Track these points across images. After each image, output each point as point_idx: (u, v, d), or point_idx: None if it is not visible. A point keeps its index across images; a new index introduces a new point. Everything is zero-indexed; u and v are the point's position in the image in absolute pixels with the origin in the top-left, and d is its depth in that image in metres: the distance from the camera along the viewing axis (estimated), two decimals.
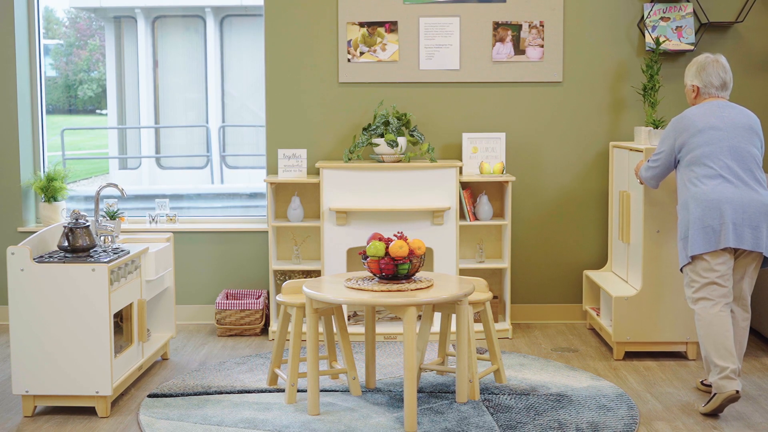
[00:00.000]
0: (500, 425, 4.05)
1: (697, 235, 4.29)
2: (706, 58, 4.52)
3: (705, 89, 4.50)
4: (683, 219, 4.38)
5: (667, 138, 4.51)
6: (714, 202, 4.27)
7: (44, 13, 6.52)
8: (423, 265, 4.49)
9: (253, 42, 7.72)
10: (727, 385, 4.17)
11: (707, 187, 4.30)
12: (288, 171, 5.66)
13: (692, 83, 4.52)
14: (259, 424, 4.09)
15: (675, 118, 4.51)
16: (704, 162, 4.33)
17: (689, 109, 4.50)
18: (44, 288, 4.14)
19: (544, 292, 6.01)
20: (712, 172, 4.31)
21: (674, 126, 4.48)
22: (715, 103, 4.46)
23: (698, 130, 4.38)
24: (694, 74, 4.52)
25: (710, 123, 4.39)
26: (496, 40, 5.83)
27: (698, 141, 4.37)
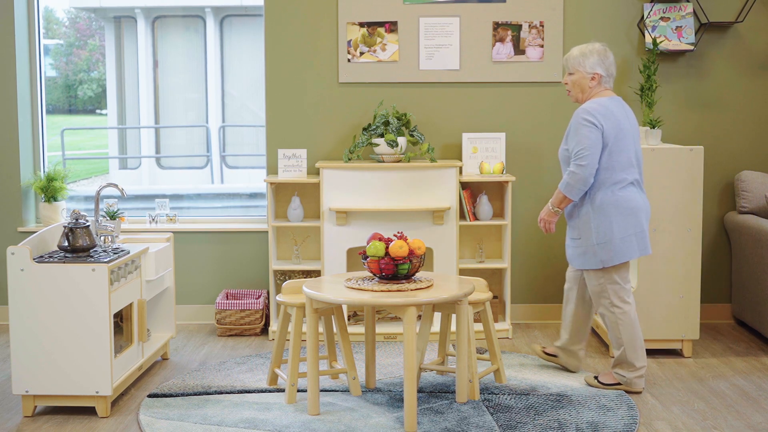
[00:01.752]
0: (500, 425, 4.05)
1: (629, 240, 4.37)
2: (601, 45, 4.44)
3: (605, 79, 4.43)
4: (604, 223, 4.35)
5: (593, 129, 4.29)
6: (635, 210, 4.38)
7: (44, 13, 6.52)
8: (423, 265, 4.49)
9: (253, 42, 7.72)
10: (639, 383, 4.51)
11: (628, 193, 4.36)
12: (288, 171, 5.67)
13: (594, 71, 4.39)
14: (259, 424, 4.09)
15: (591, 109, 4.31)
16: (623, 167, 4.35)
17: (600, 100, 4.36)
18: (44, 288, 4.14)
19: (544, 292, 6.01)
20: (630, 178, 4.38)
21: (598, 118, 4.30)
22: (618, 100, 4.43)
23: (619, 130, 4.35)
24: (596, 62, 4.39)
25: (624, 125, 4.38)
26: (496, 40, 5.83)
27: (620, 145, 4.34)
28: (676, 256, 5.11)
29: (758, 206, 5.64)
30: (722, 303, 6.02)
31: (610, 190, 4.34)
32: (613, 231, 4.34)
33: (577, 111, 4.38)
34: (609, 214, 4.35)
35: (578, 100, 4.50)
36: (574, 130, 4.34)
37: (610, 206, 4.34)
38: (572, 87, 4.47)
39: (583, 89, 4.43)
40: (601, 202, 4.35)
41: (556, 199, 4.45)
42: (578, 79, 4.42)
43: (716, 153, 5.90)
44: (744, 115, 5.92)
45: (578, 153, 4.30)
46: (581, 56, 4.42)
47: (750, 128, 5.93)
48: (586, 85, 4.41)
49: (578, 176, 4.31)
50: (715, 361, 5.11)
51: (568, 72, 4.49)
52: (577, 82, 4.43)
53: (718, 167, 5.92)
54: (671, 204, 5.09)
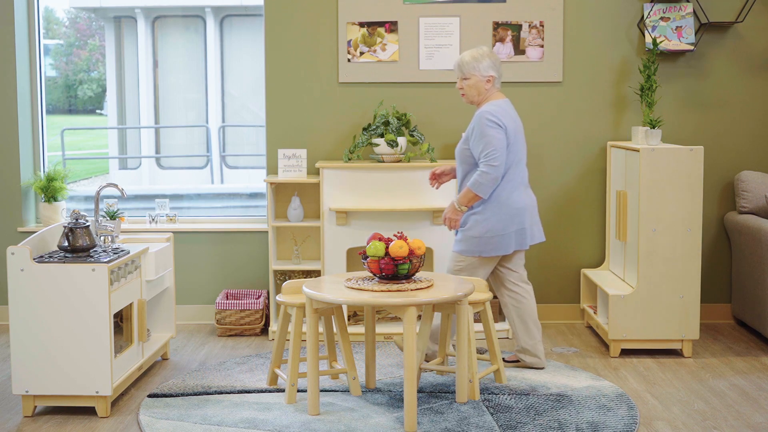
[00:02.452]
0: (500, 425, 4.06)
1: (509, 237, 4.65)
2: (489, 49, 4.68)
3: (497, 81, 4.68)
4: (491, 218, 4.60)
5: (499, 129, 4.53)
6: (521, 210, 4.67)
7: (44, 13, 6.52)
8: (423, 265, 4.49)
9: (253, 42, 7.72)
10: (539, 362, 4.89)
11: (518, 193, 4.66)
12: (288, 171, 5.66)
13: (489, 74, 4.63)
14: (259, 424, 4.09)
15: (494, 110, 4.56)
16: (517, 165, 4.65)
17: (497, 102, 4.62)
18: (44, 288, 4.14)
19: (544, 292, 6.01)
20: (521, 176, 4.69)
21: (501, 119, 4.54)
22: (509, 102, 4.72)
23: (516, 131, 4.64)
24: (490, 65, 4.64)
25: (518, 125, 4.68)
26: (496, 40, 5.83)
27: (516, 145, 4.62)
28: (676, 256, 5.11)
29: (758, 206, 5.64)
30: (722, 303, 6.02)
31: (503, 189, 4.61)
32: (496, 225, 4.61)
33: (480, 113, 4.58)
34: (498, 210, 4.61)
35: (474, 102, 4.73)
36: (480, 132, 4.55)
37: (501, 203, 4.61)
38: (468, 90, 4.68)
39: (479, 92, 4.65)
40: (494, 198, 4.61)
41: (465, 198, 4.63)
42: (475, 82, 4.64)
43: (716, 153, 5.90)
44: (744, 115, 5.92)
45: (489, 154, 4.52)
46: (475, 61, 4.63)
47: (750, 128, 5.93)
48: (482, 87, 4.64)
49: (491, 176, 4.53)
50: (715, 361, 5.12)
51: (463, 77, 4.69)
52: (474, 86, 4.65)
53: (718, 167, 5.92)
54: (671, 204, 5.09)
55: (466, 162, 4.68)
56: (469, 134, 4.64)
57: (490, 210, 4.62)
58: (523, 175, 4.73)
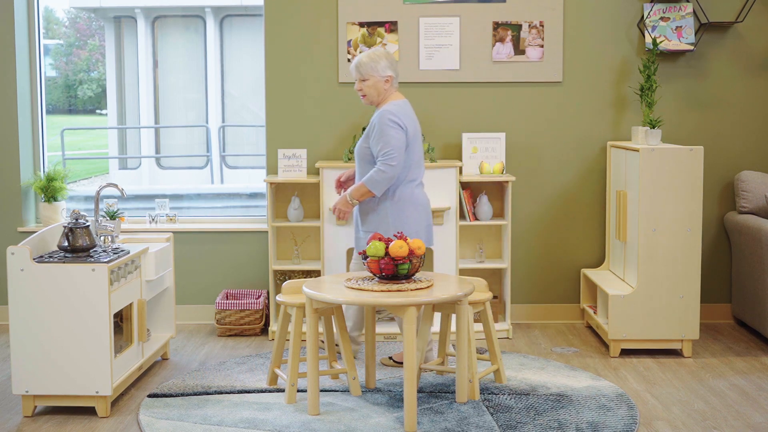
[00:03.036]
0: (500, 425, 4.06)
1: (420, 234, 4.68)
2: (384, 49, 4.72)
3: (395, 81, 4.69)
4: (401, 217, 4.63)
5: (399, 129, 4.55)
6: (425, 206, 4.74)
7: (44, 13, 6.52)
8: (423, 265, 4.49)
9: (253, 42, 7.73)
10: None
11: (420, 191, 4.72)
12: (288, 171, 5.67)
13: (387, 74, 4.64)
14: (259, 424, 4.09)
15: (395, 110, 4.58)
16: (417, 165, 4.69)
17: (398, 102, 4.64)
18: (44, 288, 4.14)
19: (544, 292, 6.02)
20: (420, 176, 4.73)
21: (401, 119, 4.56)
22: (408, 102, 4.74)
23: (415, 131, 4.67)
24: (387, 65, 4.65)
25: (417, 126, 4.71)
26: (496, 40, 5.83)
27: (415, 145, 4.66)
28: (676, 256, 5.11)
29: (758, 206, 5.64)
30: (722, 303, 6.02)
31: (407, 187, 4.66)
32: (410, 224, 4.64)
33: (381, 112, 4.59)
34: (406, 209, 4.65)
35: (373, 102, 4.72)
36: (380, 131, 4.57)
37: (407, 201, 4.65)
38: (368, 91, 4.67)
39: (379, 92, 4.66)
40: (399, 197, 4.64)
41: (357, 192, 4.64)
42: (374, 83, 4.64)
43: (716, 153, 5.91)
44: (744, 115, 5.92)
45: (387, 153, 4.54)
46: (372, 62, 4.64)
47: (750, 128, 5.93)
48: (381, 88, 4.65)
49: (387, 175, 4.55)
50: (715, 361, 5.12)
51: (361, 78, 4.67)
52: (374, 86, 4.65)
53: (718, 167, 5.92)
54: (671, 204, 5.09)
55: (366, 160, 4.68)
56: (369, 132, 4.65)
57: (400, 208, 4.64)
58: (422, 175, 4.77)
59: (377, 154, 4.58)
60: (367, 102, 4.73)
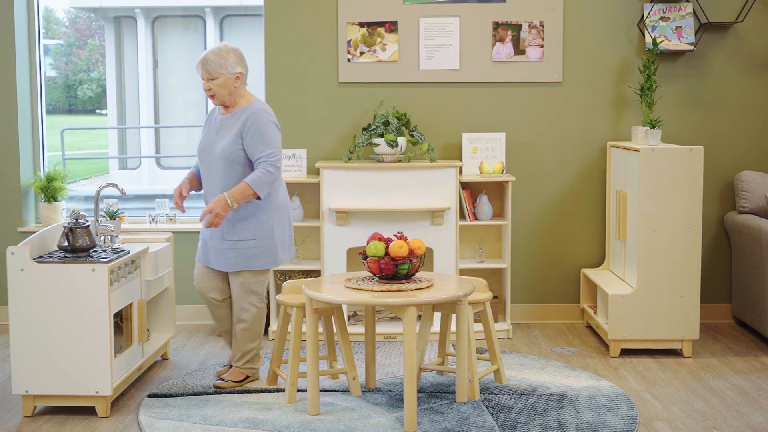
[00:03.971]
0: (500, 425, 4.06)
1: (288, 242, 4.55)
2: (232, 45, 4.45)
3: (246, 75, 4.48)
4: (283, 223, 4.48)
5: (276, 129, 4.43)
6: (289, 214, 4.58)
7: (44, 13, 6.52)
8: (423, 265, 4.49)
9: (253, 42, 7.72)
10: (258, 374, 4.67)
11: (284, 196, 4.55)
12: (288, 171, 5.67)
13: (237, 70, 4.40)
14: (259, 424, 4.09)
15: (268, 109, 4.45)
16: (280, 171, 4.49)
17: (259, 101, 4.48)
18: (44, 288, 4.14)
19: (544, 292, 6.02)
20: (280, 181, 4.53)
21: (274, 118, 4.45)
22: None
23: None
24: (236, 61, 4.40)
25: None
26: (496, 40, 5.83)
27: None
28: (676, 256, 5.11)
29: (758, 206, 5.64)
30: (722, 303, 6.02)
31: (282, 190, 4.53)
32: (285, 229, 4.53)
33: (257, 111, 4.37)
34: (285, 214, 4.53)
35: (225, 103, 4.45)
36: (260, 132, 4.34)
37: (284, 206, 4.53)
38: (218, 90, 4.40)
39: (230, 91, 4.41)
40: (279, 201, 4.48)
41: (241, 195, 4.30)
42: (223, 81, 4.38)
43: (716, 153, 5.91)
44: (744, 115, 5.92)
45: (273, 155, 4.35)
46: (220, 59, 4.37)
47: (750, 128, 5.93)
48: (232, 86, 4.40)
49: (273, 177, 4.35)
50: (715, 361, 5.12)
51: (209, 77, 4.41)
52: (224, 85, 4.38)
53: (718, 167, 5.92)
54: (671, 204, 5.09)
55: (238, 162, 4.37)
56: (241, 133, 4.36)
57: (283, 214, 4.50)
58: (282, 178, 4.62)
59: (259, 155, 4.33)
60: (217, 102, 4.46)
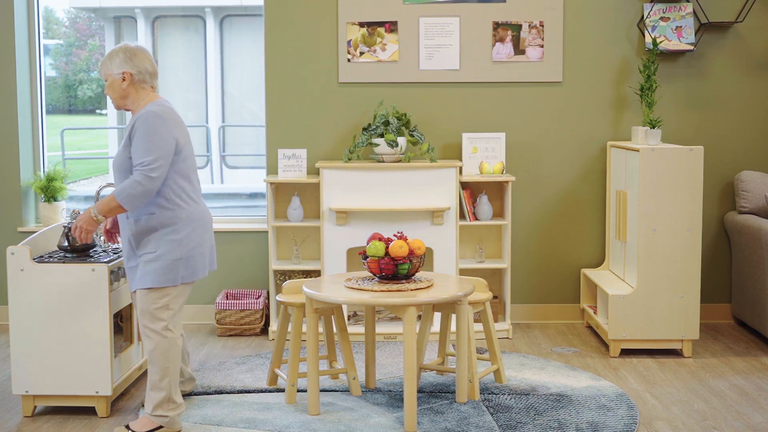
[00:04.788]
0: (500, 425, 4.06)
1: (204, 255, 4.02)
2: (129, 44, 4.02)
3: (139, 77, 3.94)
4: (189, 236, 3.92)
5: (164, 134, 3.84)
6: (208, 223, 4.06)
7: (44, 13, 6.52)
8: (423, 265, 4.49)
9: (253, 42, 7.72)
10: (178, 421, 4.00)
11: (199, 207, 4.02)
12: (288, 171, 5.67)
13: (122, 70, 3.92)
14: (259, 424, 4.09)
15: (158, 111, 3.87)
16: (190, 177, 4.00)
17: (160, 102, 3.95)
18: (44, 288, 4.14)
19: (544, 292, 6.02)
20: (196, 190, 4.04)
21: (167, 121, 3.87)
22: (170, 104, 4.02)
23: (187, 135, 4.01)
24: (122, 61, 3.92)
25: (187, 131, 4.03)
26: (496, 40, 5.83)
27: (188, 150, 3.99)
28: (676, 256, 5.11)
29: (758, 206, 5.64)
30: (722, 303, 6.02)
31: (191, 200, 3.98)
32: (195, 244, 3.97)
33: (142, 114, 3.86)
34: (192, 227, 3.95)
35: (121, 107, 4.04)
36: (144, 136, 3.83)
37: (193, 218, 3.96)
38: (109, 93, 4.00)
39: (121, 94, 3.96)
40: (186, 213, 3.94)
41: (105, 208, 3.86)
42: (112, 83, 3.96)
43: (716, 153, 5.91)
44: (744, 115, 5.92)
45: (150, 163, 3.80)
46: (108, 60, 3.97)
47: (750, 128, 5.93)
48: (119, 87, 3.94)
49: (145, 188, 3.80)
50: (715, 361, 5.12)
51: (105, 81, 4.02)
52: (112, 87, 3.96)
53: (718, 167, 5.92)
54: (671, 204, 5.09)
55: (129, 171, 3.92)
56: (128, 139, 3.90)
57: (193, 228, 3.96)
58: (199, 186, 4.11)
59: (136, 163, 3.83)
60: (115, 107, 4.05)
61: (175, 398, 3.96)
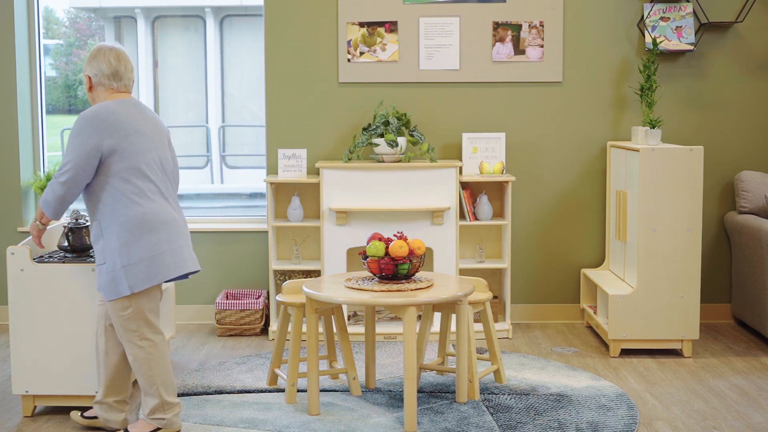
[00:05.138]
0: (500, 425, 4.05)
1: (161, 258, 3.79)
2: (102, 45, 3.92)
3: (101, 79, 3.86)
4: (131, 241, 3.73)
5: (86, 138, 3.71)
6: (166, 223, 3.82)
7: (44, 13, 6.52)
8: (423, 265, 4.49)
9: (253, 42, 7.72)
10: (179, 421, 3.95)
11: (156, 205, 3.81)
12: (288, 171, 5.67)
13: (86, 73, 3.89)
14: (259, 424, 4.09)
15: (90, 113, 3.75)
16: (144, 176, 3.79)
17: (104, 103, 3.81)
18: (44, 288, 4.14)
19: (544, 292, 6.02)
20: (154, 188, 3.82)
21: (96, 124, 3.73)
22: (132, 102, 3.91)
23: (132, 134, 3.80)
24: (89, 63, 3.89)
25: (140, 128, 3.84)
26: (496, 40, 5.83)
27: (133, 148, 3.79)
28: (676, 256, 5.11)
29: (758, 206, 5.64)
30: (722, 303, 6.02)
31: (134, 203, 3.76)
32: (142, 249, 3.76)
33: (78, 117, 3.80)
34: (137, 231, 3.76)
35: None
36: (69, 140, 3.76)
37: (138, 221, 3.76)
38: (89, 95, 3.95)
39: (89, 96, 3.93)
40: (127, 217, 3.75)
41: (38, 213, 3.91)
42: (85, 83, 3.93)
43: (716, 153, 5.91)
44: (744, 115, 5.92)
45: (62, 167, 3.73)
46: (84, 62, 3.94)
47: (750, 128, 5.93)
48: (87, 88, 3.92)
49: (56, 194, 3.74)
50: (715, 361, 5.12)
51: None
52: (87, 87, 3.93)
53: (718, 167, 5.92)
54: (671, 204, 5.09)
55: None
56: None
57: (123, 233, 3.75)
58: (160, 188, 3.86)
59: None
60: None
61: (169, 400, 3.90)
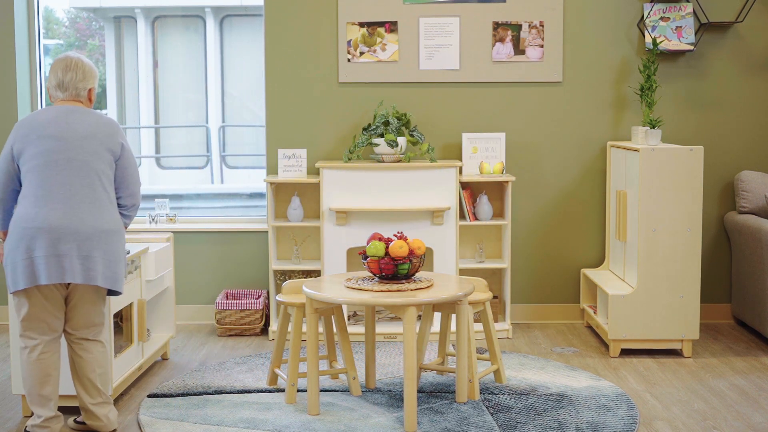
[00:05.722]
0: (500, 425, 4.06)
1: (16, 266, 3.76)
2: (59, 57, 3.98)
3: (50, 91, 3.99)
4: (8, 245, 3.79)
5: (6, 143, 3.88)
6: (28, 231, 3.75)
7: (44, 13, 6.52)
8: (423, 265, 4.49)
9: (253, 42, 7.72)
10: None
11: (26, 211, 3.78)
12: (288, 171, 5.67)
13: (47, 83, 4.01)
14: (259, 424, 4.09)
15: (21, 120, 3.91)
16: (39, 176, 3.78)
17: (36, 111, 3.94)
18: None
19: (544, 292, 6.02)
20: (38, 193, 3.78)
21: (14, 129, 3.87)
22: (64, 108, 3.91)
23: (36, 139, 3.81)
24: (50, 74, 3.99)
25: (50, 131, 3.83)
26: (496, 40, 5.83)
27: (34, 151, 3.80)
28: (676, 256, 5.11)
29: (758, 206, 5.64)
30: (722, 303, 6.02)
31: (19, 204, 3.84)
32: (9, 250, 3.79)
33: None
34: (10, 233, 3.80)
35: None
36: None
37: (12, 224, 3.81)
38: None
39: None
40: (14, 217, 3.83)
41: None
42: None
43: (716, 153, 5.91)
44: (744, 115, 5.92)
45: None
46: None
47: (750, 128, 5.93)
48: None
49: None
50: (715, 361, 5.12)
51: None
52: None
53: (718, 167, 5.92)
54: (671, 204, 5.09)
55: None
56: None
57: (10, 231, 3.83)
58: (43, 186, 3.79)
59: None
60: None
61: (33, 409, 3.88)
